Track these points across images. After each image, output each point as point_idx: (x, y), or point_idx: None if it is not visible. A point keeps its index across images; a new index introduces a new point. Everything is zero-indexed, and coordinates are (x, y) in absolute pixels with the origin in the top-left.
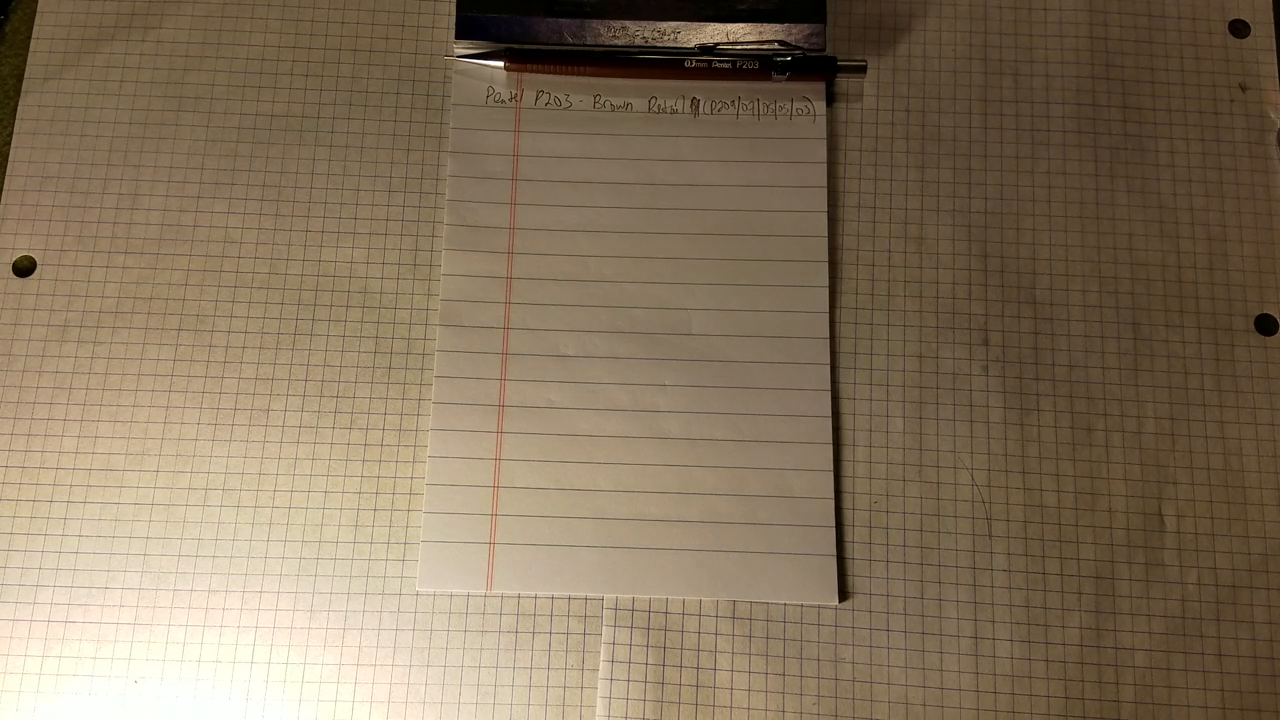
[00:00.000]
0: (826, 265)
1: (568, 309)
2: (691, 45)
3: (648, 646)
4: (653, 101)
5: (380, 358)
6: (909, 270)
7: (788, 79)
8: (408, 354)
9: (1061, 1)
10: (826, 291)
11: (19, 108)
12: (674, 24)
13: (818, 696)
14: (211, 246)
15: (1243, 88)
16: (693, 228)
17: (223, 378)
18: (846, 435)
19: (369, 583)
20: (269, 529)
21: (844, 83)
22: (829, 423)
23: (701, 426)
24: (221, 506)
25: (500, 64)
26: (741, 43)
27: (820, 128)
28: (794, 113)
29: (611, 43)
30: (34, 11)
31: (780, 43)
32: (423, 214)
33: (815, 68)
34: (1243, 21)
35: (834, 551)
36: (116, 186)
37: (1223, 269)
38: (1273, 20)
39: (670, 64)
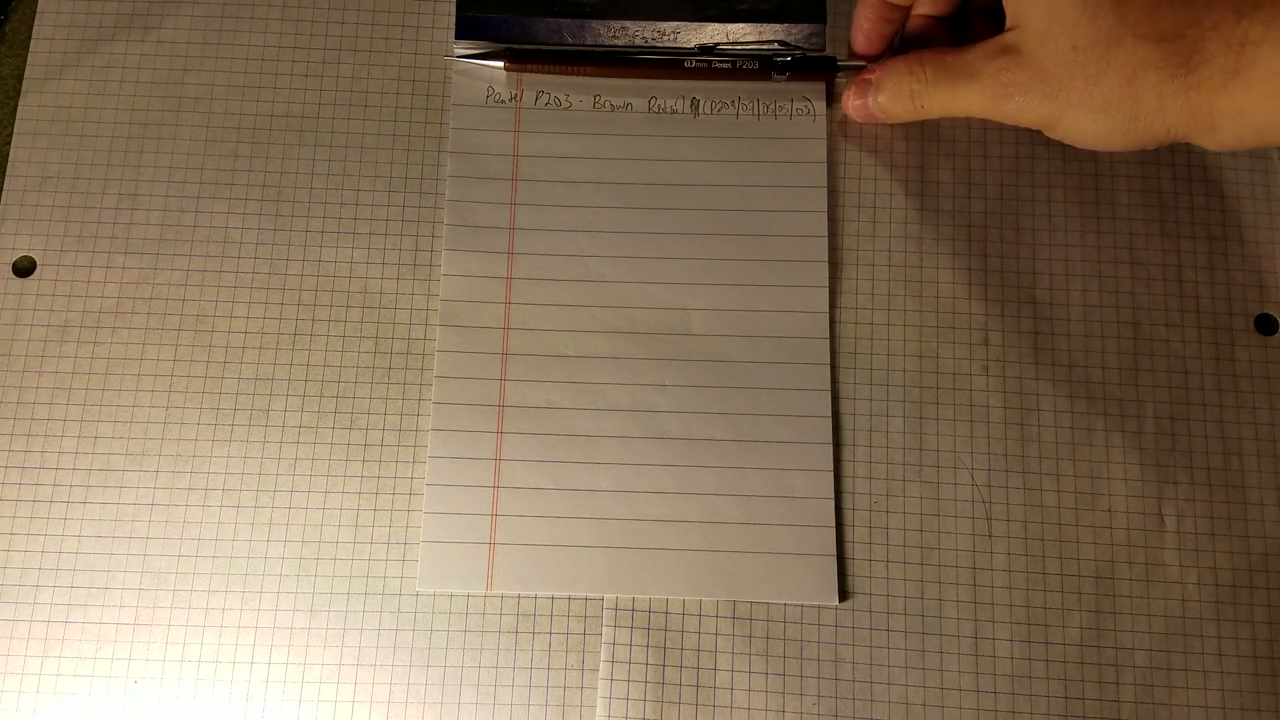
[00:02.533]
0: (826, 265)
1: (568, 309)
2: (691, 45)
3: (648, 646)
4: (653, 101)
5: (380, 358)
6: (909, 270)
7: (788, 79)
8: (408, 354)
9: None
10: (826, 291)
11: (19, 108)
12: (674, 24)
13: (818, 696)
14: (211, 246)
15: None
16: (693, 228)
17: (223, 378)
18: (846, 435)
19: (369, 583)
20: (269, 529)
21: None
22: (829, 423)
23: (701, 426)
24: (221, 506)
25: (500, 64)
26: (741, 43)
27: (820, 128)
28: (794, 113)
29: (611, 43)
30: (34, 11)
31: (780, 43)
32: (423, 214)
33: (815, 67)
34: None
35: (834, 552)
36: (116, 186)
37: (1223, 269)
38: None
39: (670, 64)
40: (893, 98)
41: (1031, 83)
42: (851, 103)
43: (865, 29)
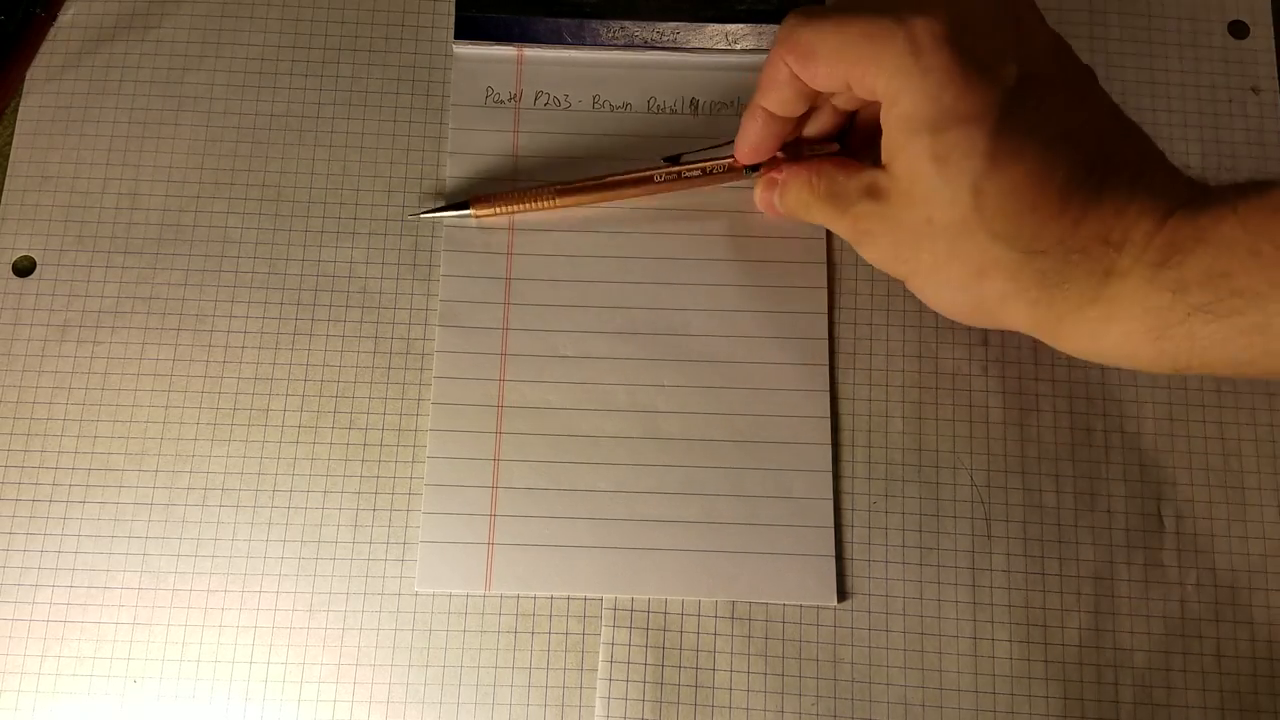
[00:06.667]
0: (825, 266)
1: (567, 309)
2: (690, 45)
3: (647, 646)
4: (652, 101)
5: (380, 358)
6: None
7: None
8: (407, 354)
9: (1061, 1)
10: (826, 292)
11: (19, 108)
12: (673, 24)
13: (817, 696)
14: (211, 246)
15: (1255, 90)
16: (692, 229)
17: (222, 378)
18: (846, 435)
19: (368, 583)
20: (269, 529)
21: None
22: (828, 423)
23: (700, 427)
24: (221, 506)
25: (469, 211)
26: (741, 44)
27: None
28: None
29: (611, 43)
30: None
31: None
32: None
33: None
34: (1242, 23)
35: (833, 552)
36: (116, 186)
37: None
38: (1271, 22)
39: (639, 181)
40: (792, 203)
41: (886, 238)
42: (759, 195)
43: (752, 140)
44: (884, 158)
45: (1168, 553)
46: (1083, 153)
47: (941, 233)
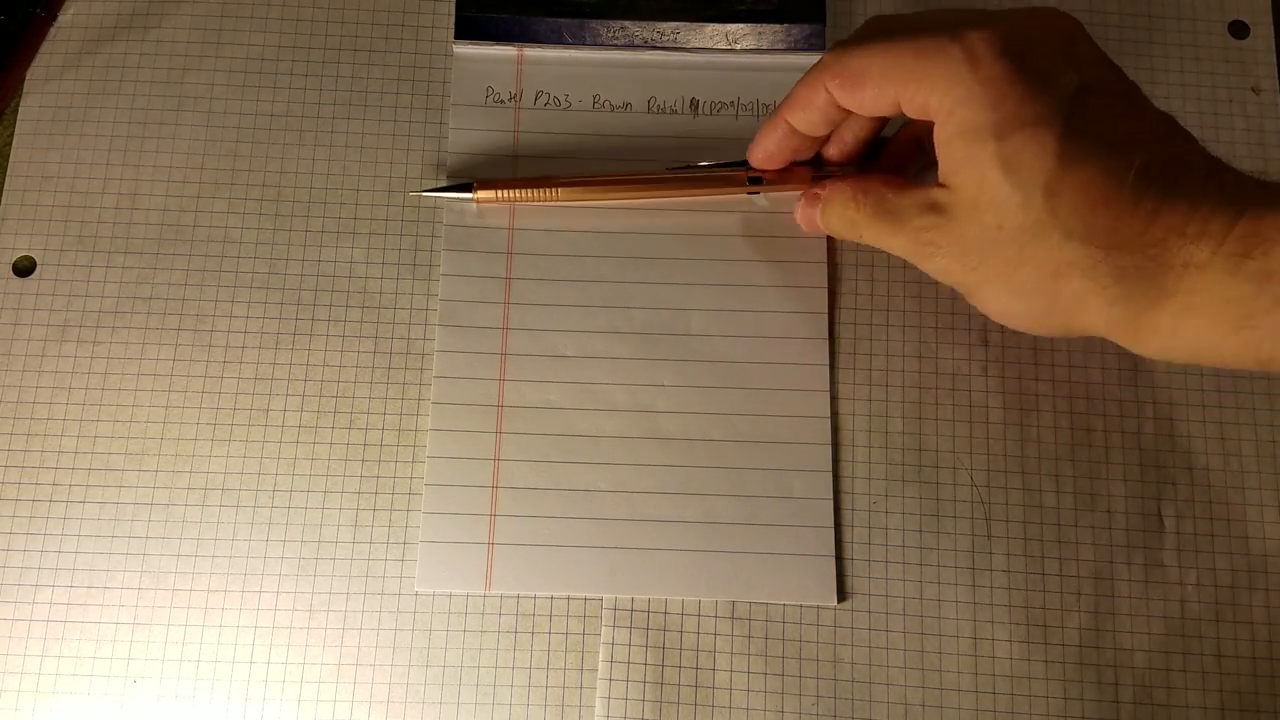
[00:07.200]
0: (826, 265)
1: (567, 309)
2: (690, 45)
3: (647, 647)
4: (652, 101)
5: (380, 358)
6: (909, 270)
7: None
8: (407, 354)
9: (1061, 2)
10: (826, 292)
11: (19, 108)
12: (673, 24)
13: (817, 697)
14: (211, 246)
15: (1255, 90)
16: (692, 228)
17: (222, 378)
18: (845, 436)
19: (368, 583)
20: (268, 529)
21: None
22: (828, 423)
23: (700, 427)
24: (221, 506)
25: (469, 195)
26: (741, 44)
27: None
28: None
29: (611, 43)
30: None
31: (780, 43)
32: (422, 214)
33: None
34: (1242, 23)
35: (833, 552)
36: (116, 186)
37: None
38: (1271, 22)
39: (643, 182)
40: (836, 220)
41: (952, 248)
42: (800, 212)
43: (769, 148)
44: (943, 173)
45: (1168, 553)
46: (1151, 153)
47: (1013, 238)
